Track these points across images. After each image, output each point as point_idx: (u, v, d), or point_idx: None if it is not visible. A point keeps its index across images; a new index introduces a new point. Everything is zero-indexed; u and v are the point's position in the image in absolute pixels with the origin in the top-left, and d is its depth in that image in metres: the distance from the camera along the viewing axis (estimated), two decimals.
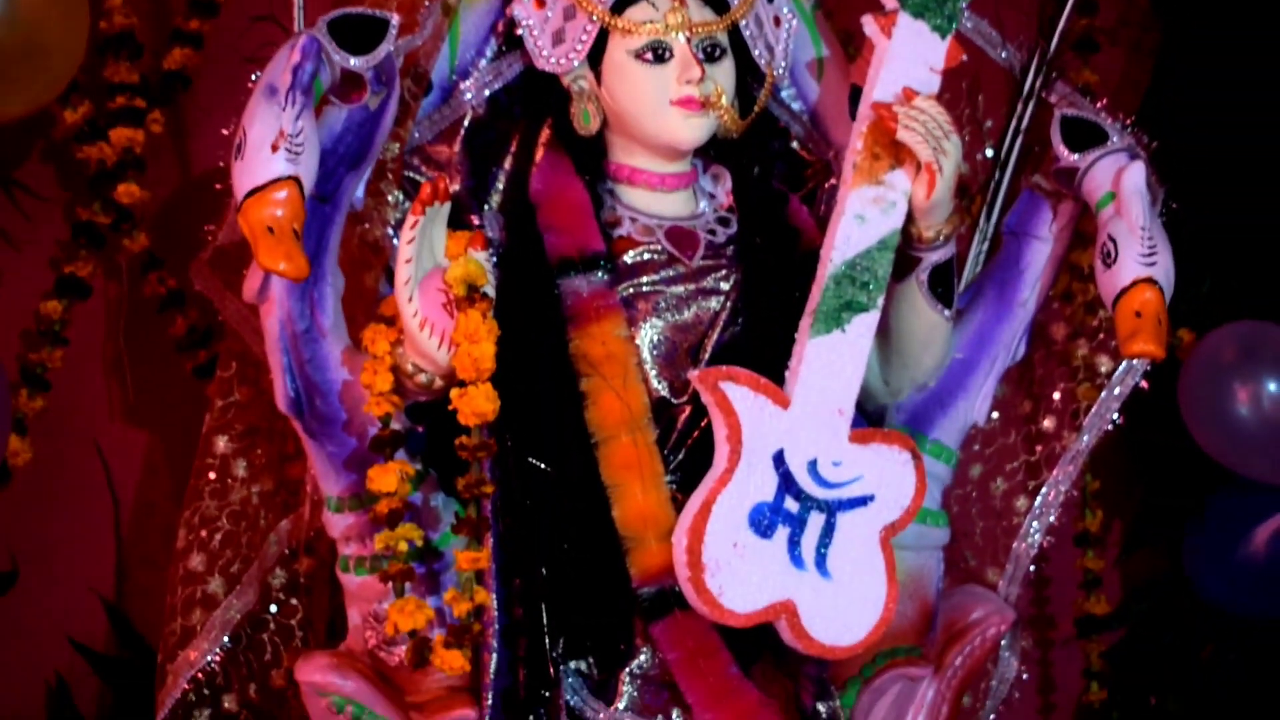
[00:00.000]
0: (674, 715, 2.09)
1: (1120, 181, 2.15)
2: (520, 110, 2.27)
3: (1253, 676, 2.95)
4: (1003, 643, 2.43)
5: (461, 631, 1.98)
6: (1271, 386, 2.61)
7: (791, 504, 2.05)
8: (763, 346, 2.13)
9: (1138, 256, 2.12)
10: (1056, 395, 2.51)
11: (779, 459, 2.05)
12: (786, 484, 2.05)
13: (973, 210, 2.47)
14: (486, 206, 2.23)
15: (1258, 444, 2.59)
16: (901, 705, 2.30)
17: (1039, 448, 2.49)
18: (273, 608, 2.35)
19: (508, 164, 2.25)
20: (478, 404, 1.96)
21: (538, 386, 2.08)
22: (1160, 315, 2.10)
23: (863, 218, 2.11)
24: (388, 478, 2.00)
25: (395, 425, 2.03)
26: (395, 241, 2.13)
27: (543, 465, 2.08)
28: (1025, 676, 2.49)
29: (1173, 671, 2.91)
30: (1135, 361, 2.23)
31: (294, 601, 2.34)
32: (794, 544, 2.05)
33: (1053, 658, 2.99)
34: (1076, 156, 2.21)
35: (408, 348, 2.01)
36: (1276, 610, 2.75)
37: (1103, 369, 2.47)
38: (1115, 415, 2.44)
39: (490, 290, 2.00)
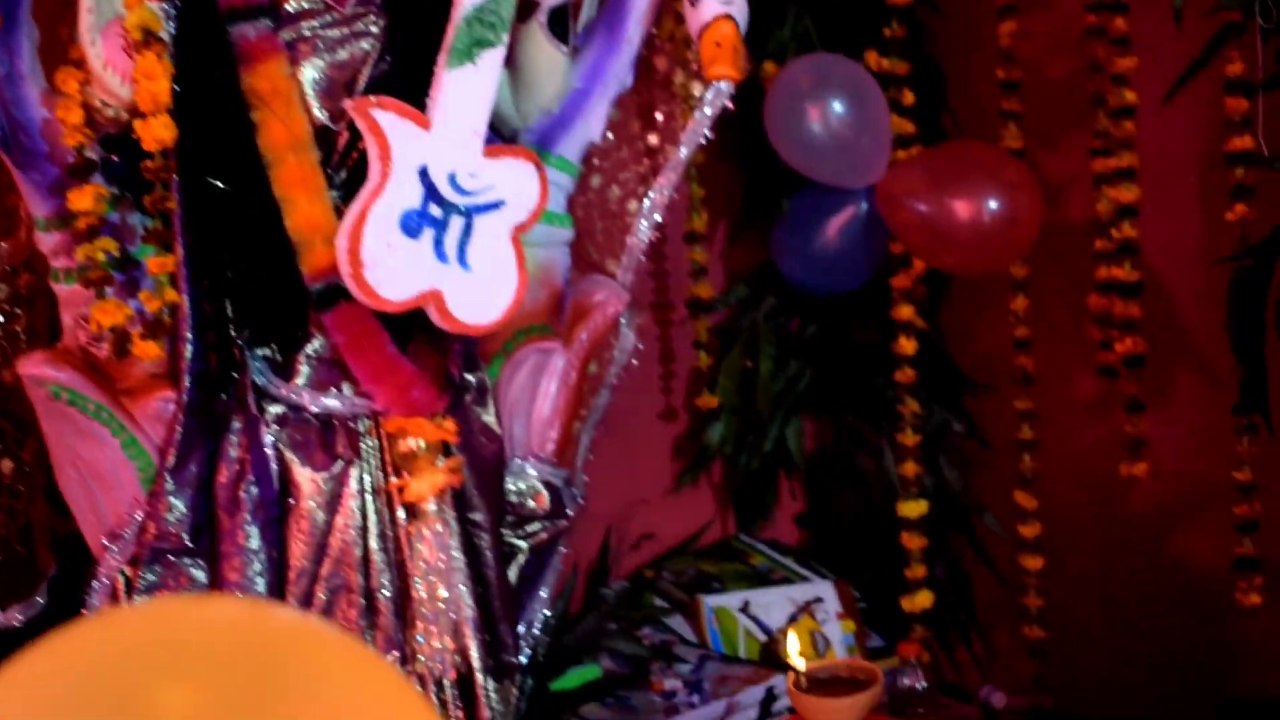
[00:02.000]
0: (344, 388, 2.14)
1: None
2: None
3: (825, 338, 3.13)
4: (621, 320, 2.50)
5: (156, 325, 1.99)
6: (837, 107, 2.72)
7: (435, 209, 2.08)
8: (407, 79, 2.13)
9: None
10: (660, 116, 2.57)
11: (423, 173, 2.07)
12: (431, 193, 2.08)
13: None
14: None
15: (827, 154, 2.69)
16: (538, 372, 2.39)
17: (647, 160, 2.56)
18: (0, 319, 2.33)
19: None
20: (157, 132, 1.95)
21: (214, 117, 2.07)
22: (736, 44, 2.16)
23: None
24: (84, 199, 1.99)
25: (89, 154, 2.01)
26: None
27: (220, 183, 2.08)
28: (641, 348, 2.57)
29: (765, 340, 3.06)
30: (722, 86, 2.30)
31: (18, 311, 2.32)
32: (439, 243, 2.08)
33: (671, 335, 3.11)
34: None
35: (95, 86, 1.98)
36: (841, 286, 2.89)
37: (697, 93, 2.54)
38: (707, 132, 2.52)
39: (165, 35, 1.97)
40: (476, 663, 2.15)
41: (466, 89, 2.11)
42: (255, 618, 0.75)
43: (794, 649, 1.93)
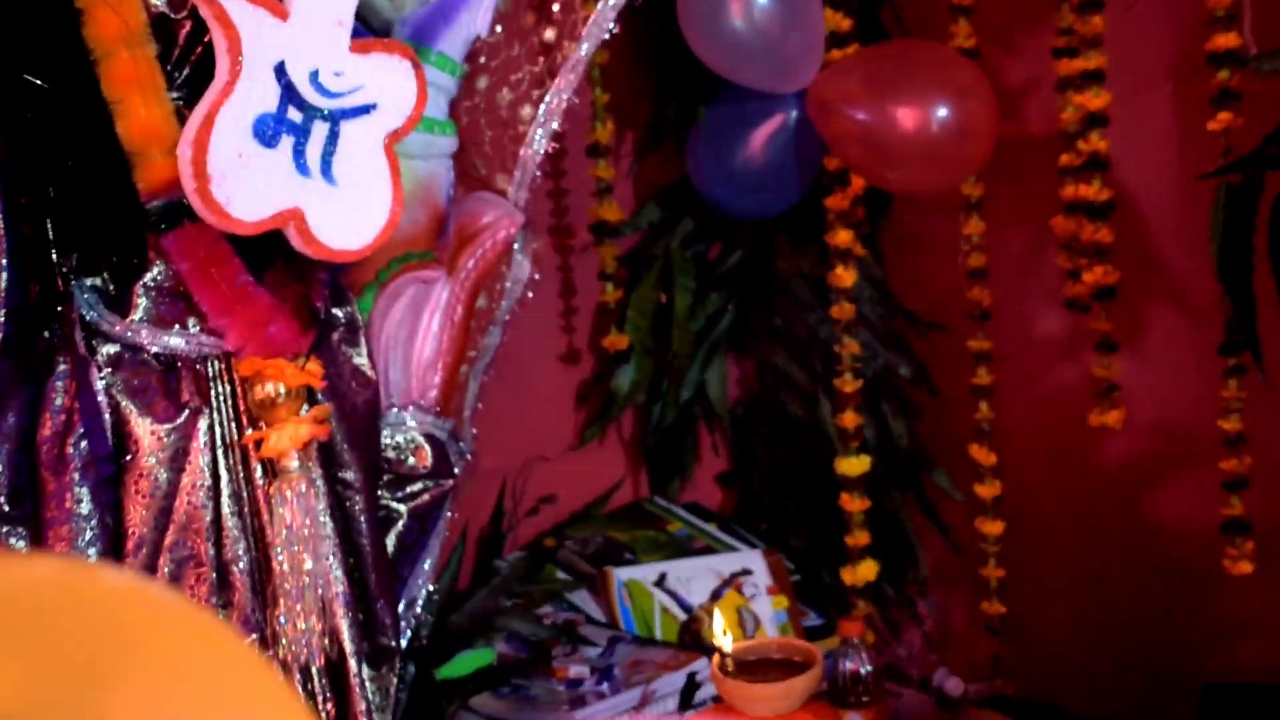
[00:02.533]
0: (189, 324, 2.13)
1: None
2: None
3: (750, 268, 3.15)
4: (515, 245, 2.52)
5: None
6: (761, 0, 2.73)
7: (295, 114, 2.07)
8: None
9: None
10: (556, 7, 2.56)
11: (280, 70, 2.06)
12: (289, 94, 2.07)
13: None
14: None
15: (749, 53, 2.70)
16: (417, 306, 2.39)
17: (542, 59, 2.55)
18: None
19: None
20: None
21: (29, 4, 2.04)
22: None
23: None
24: None
25: None
26: None
27: (40, 82, 2.05)
28: (538, 277, 2.59)
29: (681, 270, 3.08)
30: None
31: None
32: (299, 152, 2.08)
33: (572, 264, 3.12)
34: None
35: None
36: (768, 208, 2.91)
37: None
38: (612, 25, 2.53)
39: None
40: (349, 647, 2.16)
41: None
42: (77, 579, 0.75)
43: (719, 628, 1.96)
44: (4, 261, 2.07)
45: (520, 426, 2.99)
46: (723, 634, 1.95)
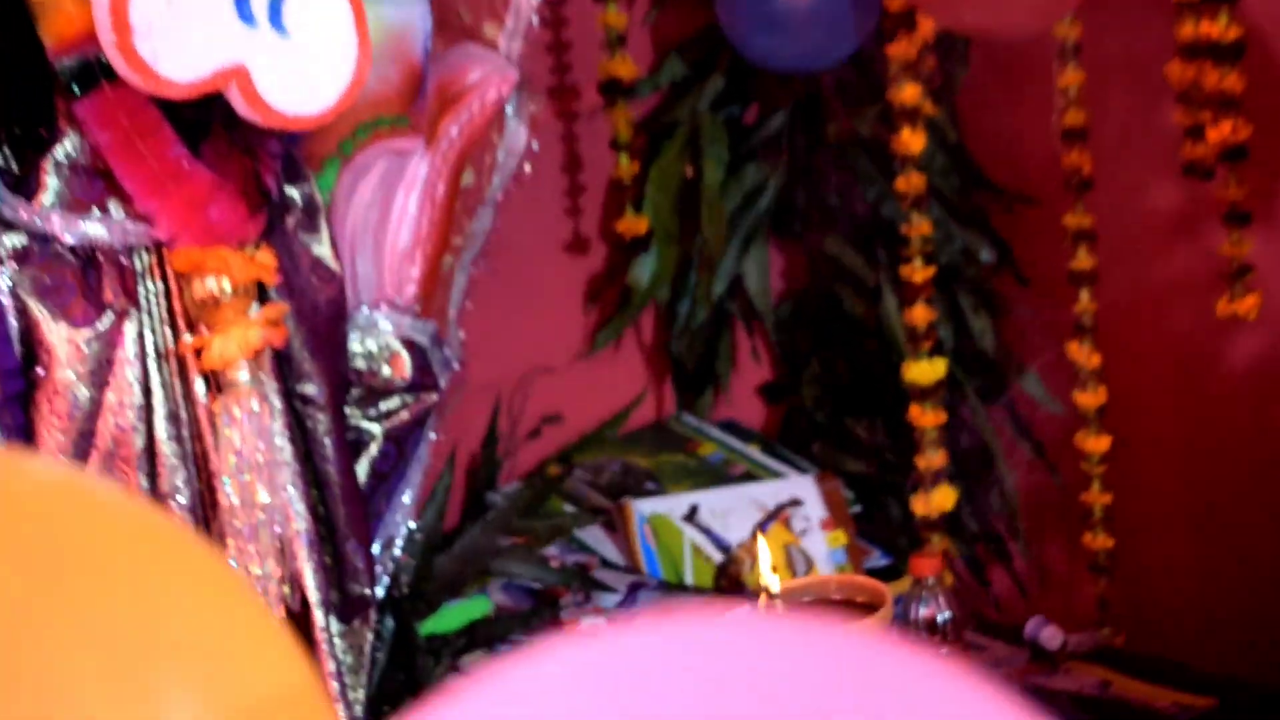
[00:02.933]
0: (111, 208, 2.12)
1: None
2: None
3: (796, 134, 3.14)
4: (507, 109, 2.50)
5: None
6: None
7: None
8: None
9: None
10: None
11: None
12: None
13: None
14: None
15: None
16: (390, 183, 2.38)
17: None
18: None
19: None
20: None
21: None
22: None
23: None
24: None
25: None
26: None
27: None
28: (536, 148, 2.58)
29: (712, 138, 3.07)
30: None
31: None
32: None
33: (578, 132, 3.11)
34: None
35: None
36: (816, 61, 2.90)
37: None
38: None
39: None
40: (314, 596, 2.17)
41: None
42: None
43: (765, 563, 1.95)
44: None
45: (517, 331, 2.99)
46: (769, 569, 1.94)
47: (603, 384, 3.17)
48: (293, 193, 2.27)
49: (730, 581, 2.82)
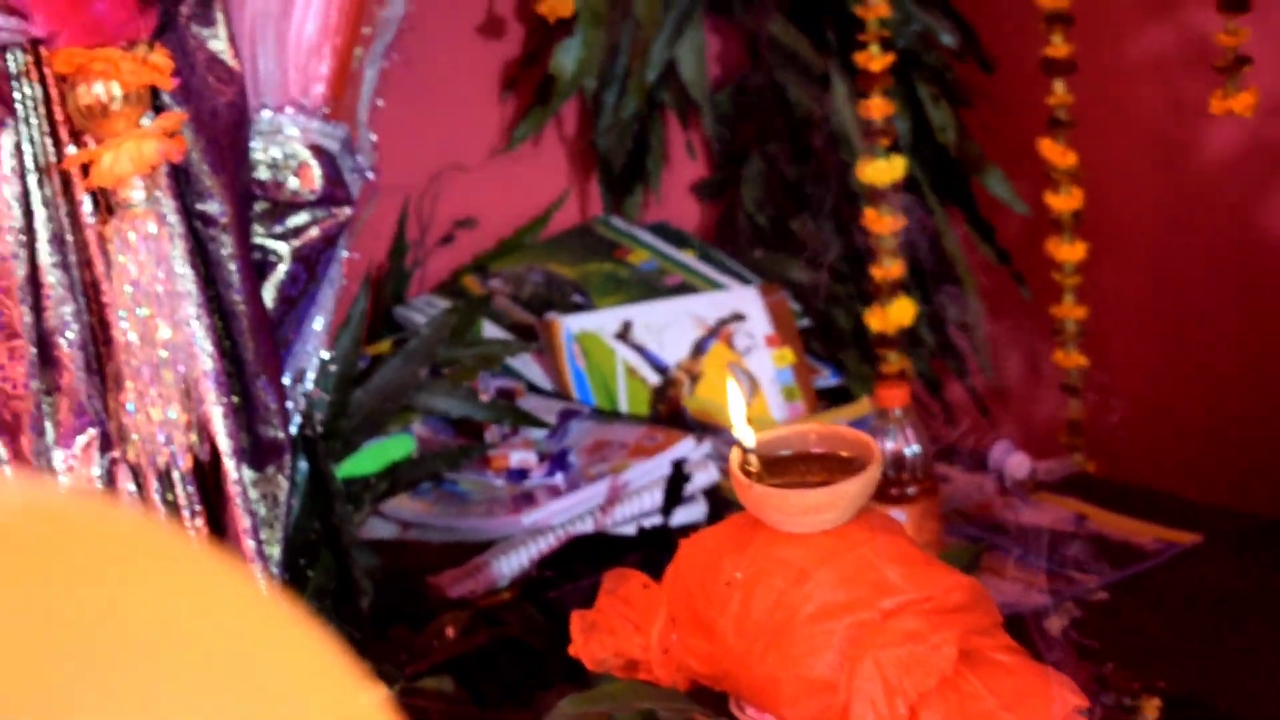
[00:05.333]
0: None
1: None
2: None
3: None
4: None
5: None
6: None
7: None
8: None
9: None
10: None
11: None
12: None
13: None
14: None
15: None
16: None
17: None
18: None
19: None
20: None
21: None
22: None
23: None
24: None
25: None
26: None
27: None
28: None
29: None
30: None
31: None
32: None
33: None
34: None
35: None
36: None
37: None
38: None
39: None
40: (224, 444, 2.12)
41: None
42: None
43: (738, 409, 1.89)
44: None
45: (424, 125, 2.93)
46: (743, 420, 1.88)
47: (521, 183, 3.12)
48: None
49: (669, 406, 2.80)
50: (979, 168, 3.02)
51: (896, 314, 2.83)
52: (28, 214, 2.07)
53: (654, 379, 2.83)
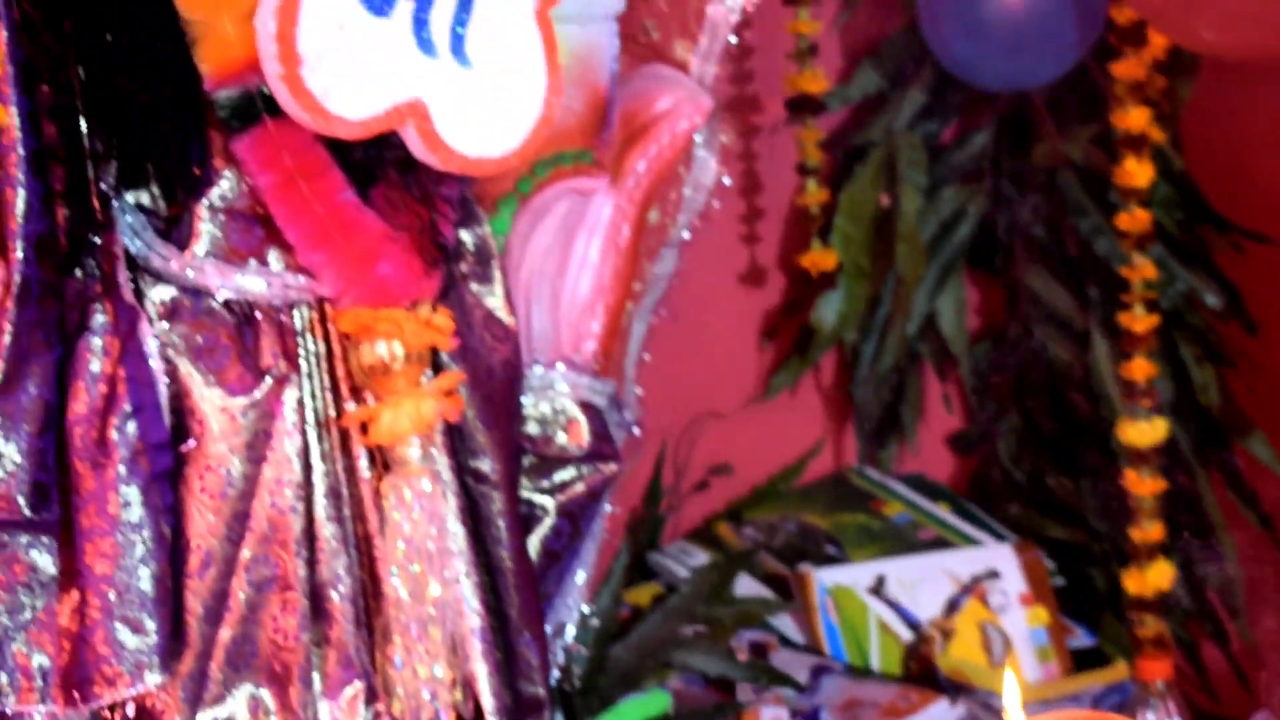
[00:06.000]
0: (270, 259, 2.10)
1: None
2: None
3: (1001, 155, 3.09)
4: (697, 139, 2.47)
5: None
6: None
7: None
8: None
9: None
10: None
11: None
12: None
13: None
14: None
15: None
16: (570, 227, 2.35)
17: None
18: None
19: None
20: None
21: None
22: None
23: None
24: None
25: None
26: None
27: None
28: (728, 181, 2.54)
29: (910, 161, 3.01)
30: None
31: None
32: (421, 23, 2.03)
33: (757, 149, 3.07)
34: None
35: None
36: (1028, 76, 2.85)
37: None
38: None
39: None
40: (489, 702, 2.14)
41: None
42: None
43: (1011, 695, 1.86)
44: (20, 175, 2.01)
45: (684, 371, 2.95)
46: (1016, 703, 1.85)
47: (776, 431, 3.14)
48: (465, 237, 2.25)
49: (921, 663, 2.77)
50: (1242, 430, 2.98)
51: (1155, 577, 2.78)
52: (306, 468, 2.11)
53: (907, 635, 2.82)
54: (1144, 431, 2.77)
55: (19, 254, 2.02)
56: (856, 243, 3.02)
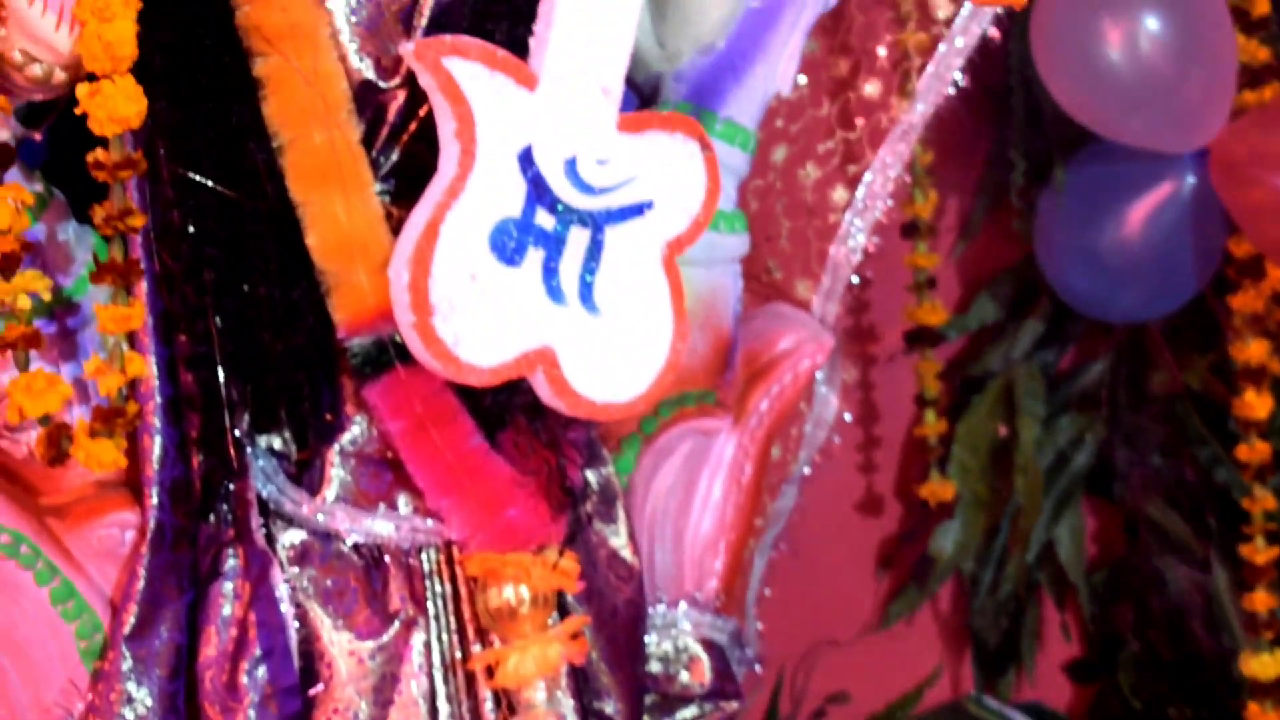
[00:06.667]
0: (400, 502, 2.11)
1: None
2: None
3: (1118, 385, 3.09)
4: (819, 376, 2.49)
5: (112, 415, 1.95)
6: (1150, 23, 2.66)
7: (545, 218, 2.04)
8: (497, 4, 2.10)
9: None
10: (882, 50, 2.54)
11: (526, 158, 2.03)
12: (538, 191, 2.04)
13: None
14: None
15: (1132, 99, 2.65)
16: (693, 466, 2.36)
17: (860, 121, 2.53)
18: None
19: None
20: (116, 105, 1.89)
21: (196, 74, 2.02)
22: None
23: None
24: None
25: (3, 134, 1.97)
26: None
27: (209, 181, 2.04)
28: (849, 418, 2.56)
29: (1028, 391, 3.01)
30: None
31: None
32: (550, 271, 2.05)
33: (874, 378, 3.07)
34: None
35: (12, 28, 1.93)
36: (1146, 309, 2.86)
37: (940, 13, 2.51)
38: (958, 74, 2.49)
39: None
40: None
41: (593, 17, 2.06)
42: None
43: None
44: (156, 422, 2.06)
45: (802, 601, 2.95)
46: None
47: (893, 659, 3.12)
48: (590, 477, 2.25)
49: None
50: None
51: None
52: (433, 711, 2.11)
53: None
54: (1267, 664, 2.76)
55: (154, 500, 2.06)
56: (974, 472, 3.03)
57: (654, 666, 2.33)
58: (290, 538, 2.10)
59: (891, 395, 3.07)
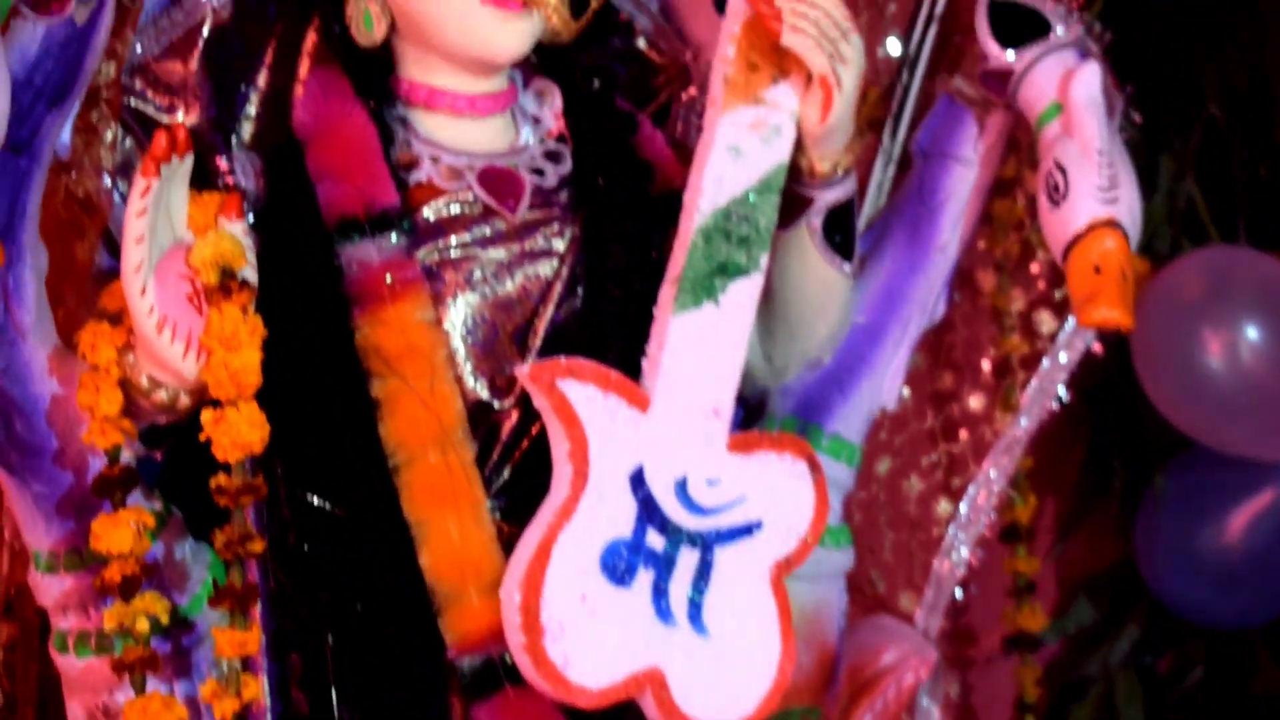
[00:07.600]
0: None
1: (1068, 89, 2.18)
2: (276, 9, 2.21)
3: (1219, 689, 3.06)
4: (921, 689, 2.48)
5: None
6: (1251, 333, 2.68)
7: (655, 538, 2.06)
8: (611, 327, 2.13)
9: (1094, 191, 2.16)
10: (986, 365, 2.55)
11: (638, 480, 2.05)
12: (648, 512, 2.06)
13: (873, 126, 2.48)
14: (234, 140, 2.18)
15: (1232, 407, 2.66)
16: None
17: (964, 434, 2.54)
18: None
19: (261, 82, 2.20)
20: (240, 432, 1.93)
21: (315, 396, 2.06)
22: (1125, 269, 2.14)
23: (738, 150, 2.10)
24: (119, 532, 1.96)
25: (127, 459, 1.99)
26: (114, 195, 2.10)
27: (326, 504, 2.07)
28: None
29: (1128, 697, 2.99)
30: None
31: None
32: (660, 592, 2.06)
33: (972, 681, 3.04)
34: (1010, 54, 2.24)
35: (141, 355, 1.97)
36: (1247, 616, 2.84)
37: (1044, 329, 2.52)
38: (1062, 388, 2.50)
39: (251, 275, 1.96)
40: None
41: (705, 342, 2.10)
42: None
43: None
44: None
45: None
46: None
47: None
48: None
49: None
50: None
51: None
52: None
53: None
54: None
55: None
56: None
57: None
58: None
59: (990, 699, 3.03)
